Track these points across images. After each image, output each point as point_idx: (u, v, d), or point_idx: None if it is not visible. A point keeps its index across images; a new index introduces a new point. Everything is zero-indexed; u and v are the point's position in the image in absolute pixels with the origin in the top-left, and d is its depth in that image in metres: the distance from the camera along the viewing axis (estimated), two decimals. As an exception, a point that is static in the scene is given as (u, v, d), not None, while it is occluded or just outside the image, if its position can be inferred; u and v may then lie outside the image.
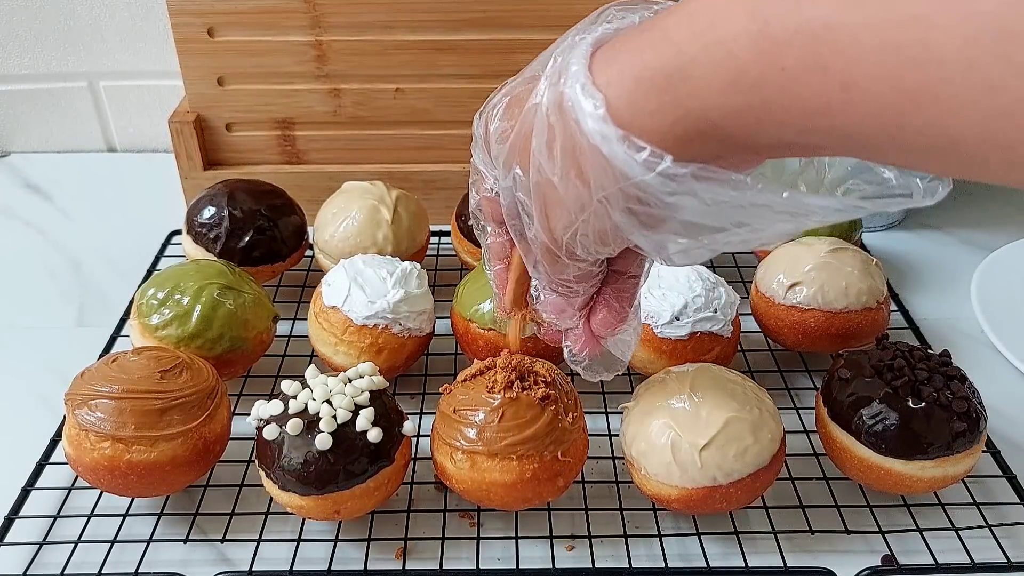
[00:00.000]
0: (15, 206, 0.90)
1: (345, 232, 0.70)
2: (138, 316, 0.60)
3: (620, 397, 0.60)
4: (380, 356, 0.60)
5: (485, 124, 0.42)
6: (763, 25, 0.28)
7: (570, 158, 0.34)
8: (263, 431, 0.50)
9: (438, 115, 0.83)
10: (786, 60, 0.28)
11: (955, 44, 0.24)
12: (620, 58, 0.33)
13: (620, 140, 0.32)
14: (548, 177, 0.36)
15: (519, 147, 0.38)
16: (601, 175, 0.33)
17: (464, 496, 0.52)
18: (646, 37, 0.32)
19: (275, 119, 0.83)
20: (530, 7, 0.77)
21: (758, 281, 0.68)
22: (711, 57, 0.29)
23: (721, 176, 0.32)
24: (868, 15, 0.25)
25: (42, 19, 0.93)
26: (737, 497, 0.51)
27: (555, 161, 0.35)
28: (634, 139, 0.32)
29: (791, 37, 0.27)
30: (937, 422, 0.51)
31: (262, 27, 0.78)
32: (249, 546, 0.52)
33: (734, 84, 0.29)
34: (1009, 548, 0.52)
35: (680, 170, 0.32)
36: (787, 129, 0.30)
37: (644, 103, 0.32)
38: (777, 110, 0.29)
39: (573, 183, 0.35)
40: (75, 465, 0.52)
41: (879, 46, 0.25)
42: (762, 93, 0.29)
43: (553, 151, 0.35)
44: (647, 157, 0.32)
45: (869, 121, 0.27)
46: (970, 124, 0.25)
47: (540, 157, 0.36)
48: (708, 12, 0.30)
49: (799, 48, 0.27)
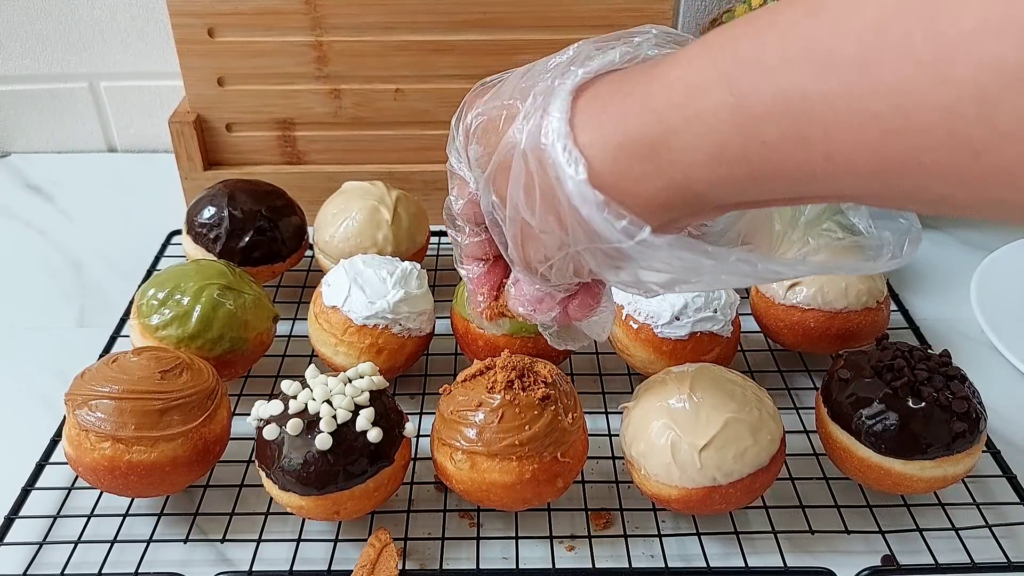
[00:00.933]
0: (15, 206, 0.90)
1: (345, 232, 0.70)
2: (138, 316, 0.60)
3: (620, 397, 0.60)
4: (380, 356, 0.60)
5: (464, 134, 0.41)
6: (740, 99, 0.28)
7: (549, 206, 0.34)
8: (263, 431, 0.50)
9: (438, 115, 0.83)
10: (766, 134, 0.27)
11: (934, 112, 0.23)
12: (603, 121, 0.32)
13: (599, 207, 0.32)
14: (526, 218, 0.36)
15: (495, 179, 0.37)
16: (579, 232, 0.33)
17: (464, 496, 0.52)
18: (628, 102, 0.32)
19: (275, 119, 0.83)
20: (530, 7, 0.77)
21: (758, 281, 0.68)
22: (692, 129, 0.29)
23: (697, 247, 0.32)
24: (844, 84, 0.25)
25: (43, 19, 0.93)
26: (737, 497, 0.51)
27: (534, 207, 0.35)
28: (615, 206, 0.32)
29: (768, 110, 0.27)
30: (937, 422, 0.51)
31: (262, 28, 0.78)
32: (249, 546, 0.52)
33: (717, 157, 0.29)
34: (1009, 548, 0.52)
35: (658, 240, 0.32)
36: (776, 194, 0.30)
37: (627, 171, 0.32)
38: (763, 179, 0.29)
39: (552, 228, 0.35)
40: (75, 465, 0.52)
41: (858, 116, 0.25)
42: (746, 165, 0.29)
43: (532, 196, 0.35)
44: (627, 225, 0.32)
45: (857, 186, 0.27)
46: (957, 186, 0.25)
47: (518, 199, 0.35)
48: (686, 82, 0.30)
49: (778, 121, 0.27)
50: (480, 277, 0.47)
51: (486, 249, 0.45)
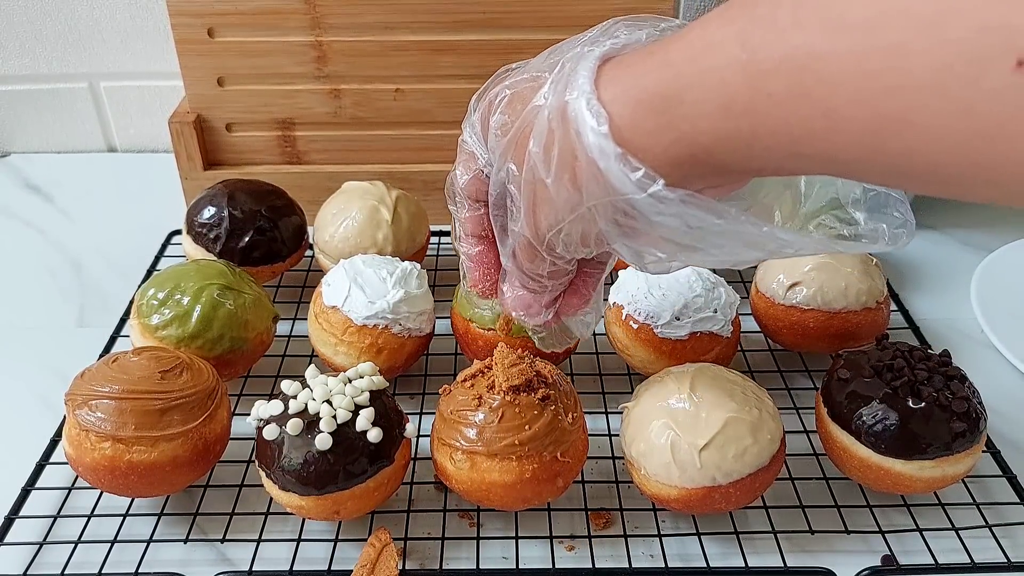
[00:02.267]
0: (15, 206, 0.90)
1: (345, 232, 0.70)
2: (138, 316, 0.60)
3: (620, 397, 0.60)
4: (380, 356, 0.60)
5: (485, 110, 0.42)
6: (752, 53, 0.29)
7: (566, 164, 0.35)
8: (263, 431, 0.50)
9: (438, 115, 0.83)
10: (773, 87, 0.29)
11: (928, 71, 0.25)
12: (624, 78, 0.34)
13: (617, 158, 0.34)
14: (541, 177, 0.37)
15: (516, 143, 0.39)
16: (594, 186, 0.35)
17: (464, 496, 0.52)
18: (650, 60, 0.33)
19: (275, 119, 0.83)
20: (530, 7, 0.77)
21: (758, 281, 0.68)
22: (704, 82, 0.31)
23: (707, 204, 0.34)
24: (849, 43, 0.26)
25: (42, 19, 0.93)
26: (737, 497, 0.51)
27: (551, 164, 0.36)
28: (631, 159, 0.33)
29: (777, 65, 0.28)
30: (937, 422, 0.51)
31: (262, 28, 0.78)
32: (249, 546, 0.52)
33: (725, 109, 0.31)
34: (1009, 548, 0.52)
35: (670, 194, 0.33)
36: (774, 154, 0.31)
37: (643, 123, 0.33)
38: (765, 135, 0.30)
39: (566, 187, 0.36)
40: (75, 465, 0.52)
41: (859, 73, 0.26)
42: (751, 119, 0.30)
43: (550, 154, 0.36)
44: (641, 177, 0.33)
45: (851, 146, 0.28)
46: (947, 148, 0.26)
47: (536, 158, 0.37)
48: (704, 39, 0.31)
49: (785, 76, 0.28)
50: (477, 254, 0.48)
51: (484, 225, 0.47)
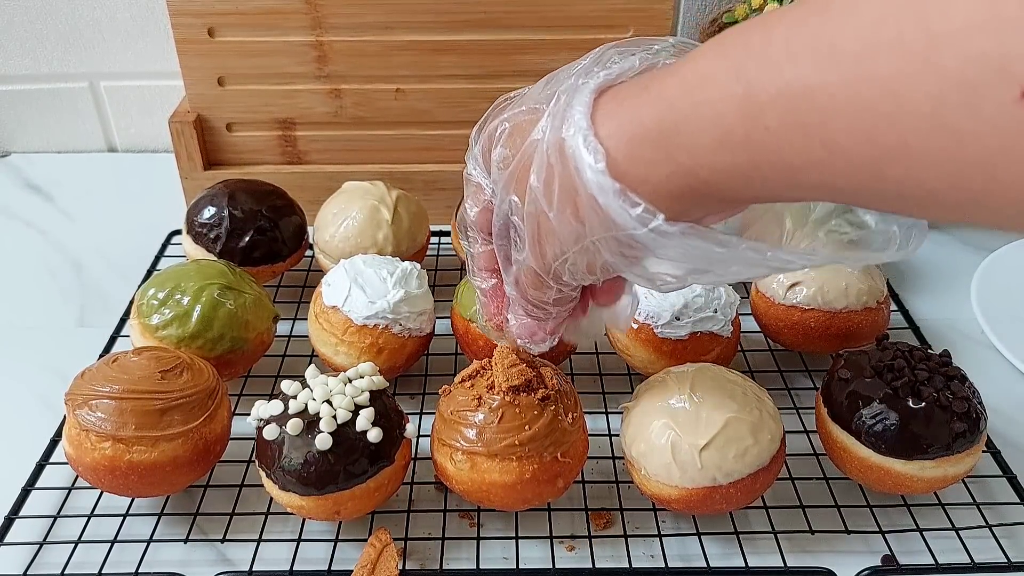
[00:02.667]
0: (15, 206, 0.90)
1: (345, 232, 0.70)
2: (138, 316, 0.60)
3: (620, 397, 0.60)
4: (380, 356, 0.60)
5: (485, 143, 0.43)
6: (747, 87, 0.29)
7: (568, 198, 0.36)
8: (263, 431, 0.50)
9: (438, 115, 0.83)
10: (769, 120, 0.29)
11: (923, 100, 0.25)
12: (620, 113, 0.34)
13: (616, 194, 0.34)
14: (544, 210, 0.37)
15: (517, 176, 0.39)
16: (596, 221, 0.35)
17: (464, 497, 0.52)
18: (645, 95, 0.34)
19: (276, 119, 0.83)
20: (530, 7, 0.77)
21: (758, 281, 0.68)
22: (700, 115, 0.31)
23: (709, 236, 0.34)
24: (843, 74, 0.26)
25: (43, 19, 0.93)
26: (737, 497, 0.51)
27: (552, 198, 0.36)
28: (630, 194, 0.34)
29: (773, 98, 0.29)
30: (937, 422, 0.51)
31: (263, 27, 0.78)
32: (249, 546, 0.52)
33: (722, 143, 0.31)
34: (1009, 548, 0.52)
35: (670, 228, 0.34)
36: (773, 185, 0.31)
37: (640, 157, 0.33)
38: (764, 167, 0.30)
39: (568, 220, 0.36)
40: (75, 465, 0.52)
41: (854, 104, 0.26)
42: (748, 152, 0.30)
43: (551, 188, 0.36)
44: (641, 213, 0.34)
45: (850, 176, 0.28)
46: (944, 176, 0.26)
47: (537, 192, 0.37)
48: (699, 73, 0.32)
49: (781, 109, 0.28)
50: (492, 288, 0.48)
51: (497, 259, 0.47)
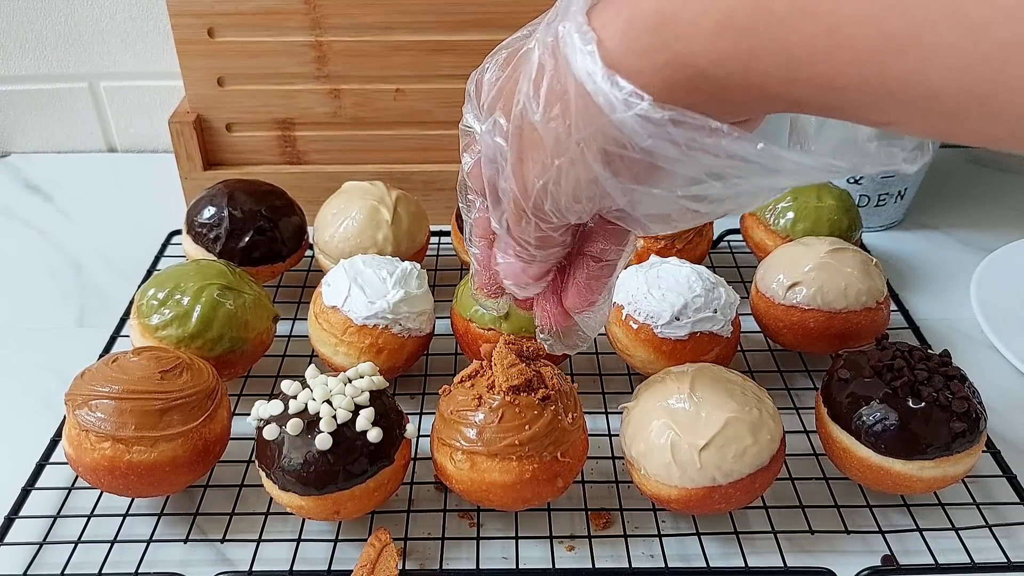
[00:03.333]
0: (15, 206, 0.90)
1: (345, 232, 0.70)
2: (138, 316, 0.60)
3: (620, 397, 0.60)
4: (380, 356, 0.60)
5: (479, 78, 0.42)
6: None
7: (555, 96, 0.34)
8: (263, 431, 0.50)
9: (438, 115, 0.83)
10: (775, 3, 0.28)
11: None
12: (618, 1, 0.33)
13: (605, 78, 0.32)
14: (530, 118, 0.36)
15: (506, 90, 0.38)
16: (582, 113, 0.33)
17: (464, 496, 0.52)
18: None
19: (275, 119, 0.83)
20: (530, 7, 0.77)
21: (758, 281, 0.68)
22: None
23: (698, 121, 0.32)
24: None
25: (43, 20, 0.93)
26: (737, 497, 0.51)
27: (539, 99, 0.35)
28: (618, 78, 0.32)
29: None
30: (937, 422, 0.51)
31: (262, 28, 0.78)
32: (249, 546, 0.52)
33: (723, 27, 0.29)
34: (1009, 548, 0.52)
35: (658, 113, 0.32)
36: (771, 79, 0.30)
37: (635, 44, 0.32)
38: (763, 56, 0.29)
39: (554, 123, 0.35)
40: (75, 465, 0.52)
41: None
42: (750, 38, 0.29)
43: (539, 89, 0.35)
44: (627, 96, 0.32)
45: (851, 69, 0.27)
46: (950, 71, 0.25)
47: (525, 97, 0.36)
48: None
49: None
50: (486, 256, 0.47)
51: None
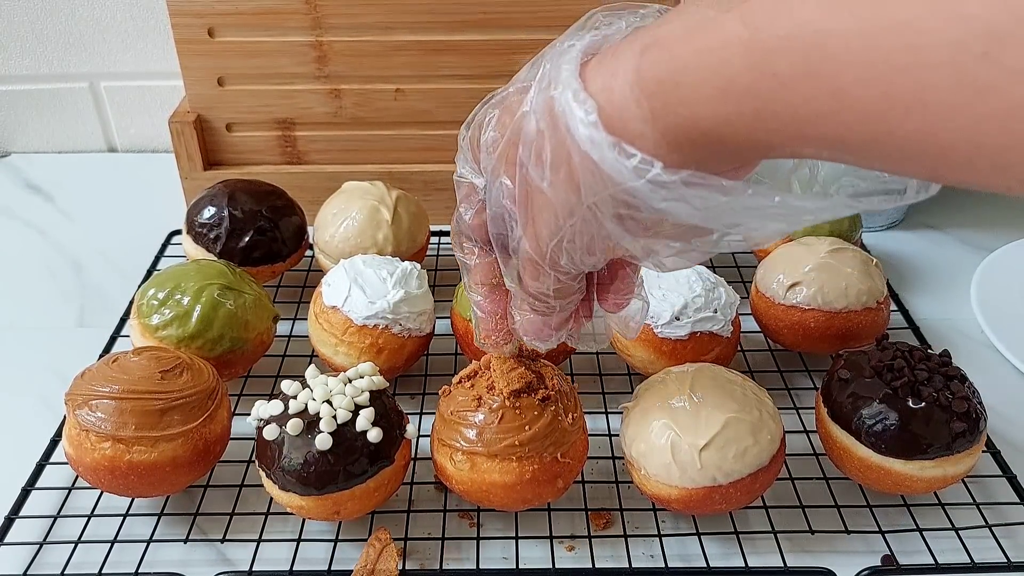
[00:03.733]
0: (16, 206, 0.90)
1: (345, 232, 0.70)
2: (138, 316, 0.60)
3: (620, 397, 0.60)
4: (380, 356, 0.60)
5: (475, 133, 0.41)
6: (755, 31, 0.28)
7: (560, 163, 0.34)
8: (263, 431, 0.50)
9: (438, 116, 0.83)
10: (777, 66, 0.27)
11: (942, 48, 0.24)
12: (613, 64, 0.32)
13: (611, 146, 0.32)
14: (536, 184, 0.35)
15: (507, 156, 0.38)
16: (591, 181, 0.33)
17: (464, 497, 0.52)
18: (639, 43, 0.32)
19: (275, 119, 0.83)
20: (530, 7, 0.77)
21: (758, 281, 0.68)
22: (703, 63, 0.29)
23: (712, 182, 0.31)
24: (858, 21, 0.25)
25: (43, 20, 0.93)
26: (737, 497, 0.51)
27: (544, 167, 0.35)
28: (625, 146, 0.32)
29: (782, 43, 0.27)
30: (937, 422, 0.51)
31: (262, 28, 0.78)
32: (249, 546, 0.52)
33: (725, 91, 0.29)
34: (1009, 548, 0.52)
35: (670, 177, 0.31)
36: (777, 137, 0.30)
37: (636, 109, 0.31)
38: (768, 118, 0.29)
39: (562, 188, 0.34)
40: (75, 465, 0.52)
41: (868, 52, 0.25)
42: (753, 101, 0.29)
43: (542, 157, 0.35)
44: (637, 164, 0.32)
45: (859, 128, 0.27)
46: (959, 129, 0.25)
47: (528, 163, 0.35)
48: (700, 19, 0.30)
49: (790, 54, 0.27)
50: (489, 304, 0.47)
51: (495, 271, 0.46)
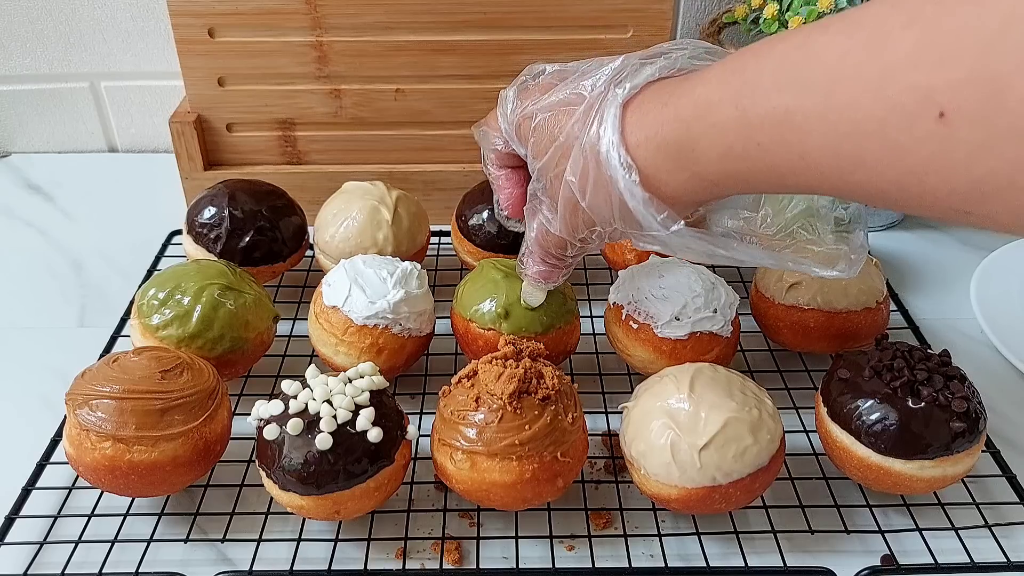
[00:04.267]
0: (16, 206, 0.90)
1: (345, 232, 0.70)
2: (139, 316, 0.60)
3: (620, 397, 0.60)
4: (380, 356, 0.60)
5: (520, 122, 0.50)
6: (743, 112, 0.37)
7: (601, 192, 0.44)
8: (263, 431, 0.50)
9: (438, 116, 0.83)
10: (760, 138, 0.37)
11: (872, 121, 0.32)
12: (645, 127, 0.42)
13: (645, 203, 0.43)
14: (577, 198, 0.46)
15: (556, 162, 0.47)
16: (624, 213, 0.44)
17: (464, 496, 0.52)
18: (664, 113, 0.42)
19: (276, 120, 0.83)
20: (530, 7, 0.77)
21: (758, 281, 0.68)
22: (708, 135, 0.39)
23: (714, 240, 0.46)
24: (814, 102, 0.34)
25: (44, 20, 0.93)
26: (736, 497, 0.51)
27: (586, 191, 0.45)
28: (656, 202, 0.43)
29: (762, 121, 0.36)
30: (936, 422, 0.51)
31: (263, 28, 0.78)
32: (249, 546, 0.52)
33: (726, 155, 0.39)
34: (1009, 548, 0.52)
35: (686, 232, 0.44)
36: (765, 185, 0.40)
37: (663, 165, 0.42)
38: (757, 173, 0.39)
39: (600, 206, 0.45)
40: (76, 465, 0.52)
41: (823, 125, 0.34)
42: (745, 162, 0.39)
43: (585, 183, 0.45)
44: (664, 218, 0.43)
45: (822, 179, 0.36)
46: (890, 181, 0.33)
47: (573, 187, 0.45)
48: (706, 98, 0.39)
49: (768, 129, 0.36)
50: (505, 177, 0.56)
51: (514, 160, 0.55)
